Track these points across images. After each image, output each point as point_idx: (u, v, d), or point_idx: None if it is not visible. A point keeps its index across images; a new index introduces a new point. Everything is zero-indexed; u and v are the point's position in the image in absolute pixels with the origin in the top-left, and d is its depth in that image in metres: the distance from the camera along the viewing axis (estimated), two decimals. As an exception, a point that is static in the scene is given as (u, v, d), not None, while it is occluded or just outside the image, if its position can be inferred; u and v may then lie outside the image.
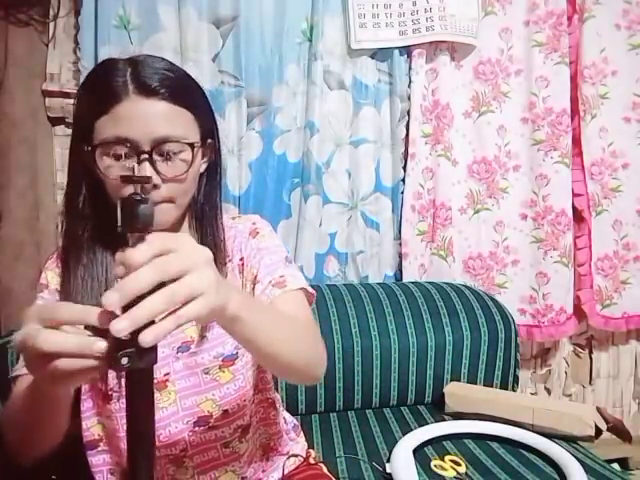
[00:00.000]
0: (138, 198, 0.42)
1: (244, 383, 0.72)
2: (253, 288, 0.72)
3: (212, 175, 0.74)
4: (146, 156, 0.61)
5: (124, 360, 0.39)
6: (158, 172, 0.62)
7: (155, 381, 0.62)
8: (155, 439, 0.43)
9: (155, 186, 0.62)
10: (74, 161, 0.67)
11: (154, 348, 0.41)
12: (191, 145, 0.64)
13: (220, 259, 0.71)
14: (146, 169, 0.61)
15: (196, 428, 0.69)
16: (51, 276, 0.72)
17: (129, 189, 0.61)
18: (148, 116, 0.61)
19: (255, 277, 0.72)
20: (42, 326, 0.41)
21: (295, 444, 0.86)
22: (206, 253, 0.44)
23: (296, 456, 0.84)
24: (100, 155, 0.62)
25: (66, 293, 0.67)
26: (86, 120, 0.63)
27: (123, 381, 0.60)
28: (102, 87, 0.62)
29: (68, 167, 0.68)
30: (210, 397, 0.69)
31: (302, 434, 0.91)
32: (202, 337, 0.69)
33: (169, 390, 0.69)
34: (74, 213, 0.67)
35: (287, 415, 0.90)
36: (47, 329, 0.41)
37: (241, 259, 0.74)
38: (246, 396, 0.72)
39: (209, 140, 0.70)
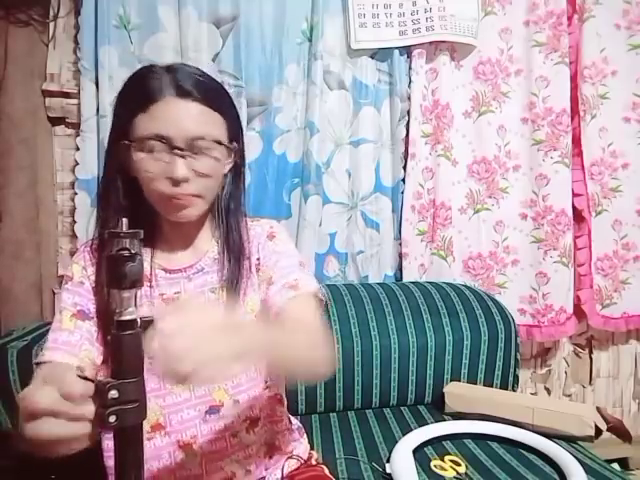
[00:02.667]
0: (127, 254, 0.41)
1: (255, 375, 0.75)
2: (267, 289, 0.76)
3: (237, 175, 0.79)
4: (180, 152, 0.66)
5: (112, 418, 0.39)
6: (190, 168, 0.67)
7: None
8: None
9: (186, 180, 0.67)
10: (111, 157, 0.71)
11: (142, 404, 0.41)
12: (220, 143, 0.69)
13: (243, 254, 0.76)
14: (178, 164, 0.66)
15: (207, 416, 0.72)
16: (76, 269, 0.75)
17: (163, 183, 0.67)
18: (183, 115, 0.66)
19: (270, 278, 0.76)
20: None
21: (298, 444, 0.87)
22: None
23: (298, 458, 0.84)
24: (136, 150, 0.66)
25: (101, 282, 0.71)
26: (125, 118, 0.67)
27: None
28: (141, 88, 0.67)
29: (105, 163, 0.73)
30: (223, 386, 0.73)
31: (305, 436, 0.92)
32: None
33: None
34: (110, 207, 0.71)
35: (291, 417, 0.91)
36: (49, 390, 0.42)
37: (258, 259, 0.79)
38: (256, 388, 0.76)
39: (234, 144, 0.75)
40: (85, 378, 0.41)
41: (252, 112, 1.45)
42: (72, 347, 0.67)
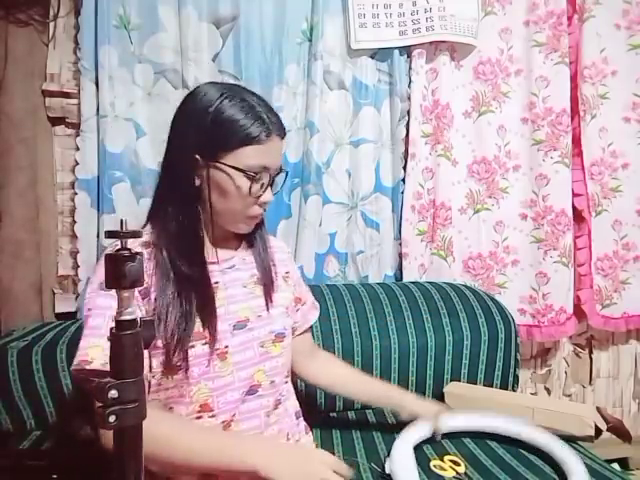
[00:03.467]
0: (126, 254, 0.41)
1: (286, 360, 0.86)
2: (297, 305, 0.96)
3: None
4: (272, 181, 0.79)
5: (112, 418, 0.39)
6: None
7: (219, 351, 0.76)
8: None
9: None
10: (188, 169, 0.76)
11: (142, 404, 0.41)
12: (282, 170, 0.82)
13: (270, 257, 0.89)
14: (269, 191, 0.79)
15: (246, 396, 0.79)
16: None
17: (250, 204, 0.78)
18: (280, 153, 0.80)
19: (300, 298, 0.97)
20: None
21: (304, 437, 0.92)
22: None
23: None
24: (239, 175, 0.75)
25: (155, 284, 0.75)
26: (231, 144, 0.74)
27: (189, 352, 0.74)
28: (259, 123, 0.75)
29: (172, 173, 0.78)
30: (262, 367, 0.81)
31: (310, 433, 0.96)
32: (258, 316, 0.82)
33: (228, 361, 0.77)
34: (166, 213, 0.77)
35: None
36: None
37: (287, 272, 0.93)
38: (286, 371, 0.87)
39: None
40: (83, 387, 0.41)
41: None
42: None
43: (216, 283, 0.80)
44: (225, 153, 0.74)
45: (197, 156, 0.74)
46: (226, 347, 0.77)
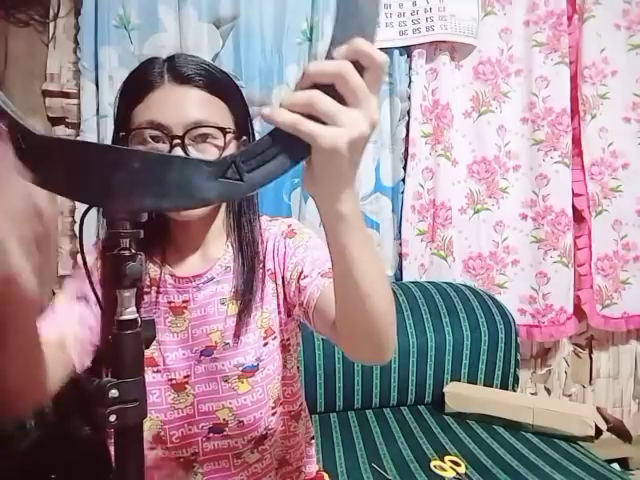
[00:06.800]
0: (127, 254, 0.41)
1: (262, 396, 0.69)
2: (298, 285, 0.66)
3: None
4: (178, 141, 0.61)
5: (112, 417, 0.39)
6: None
7: (174, 382, 0.68)
8: None
9: None
10: None
11: (143, 404, 0.41)
12: (223, 130, 0.64)
13: (257, 263, 0.71)
14: (178, 153, 0.61)
15: (210, 434, 0.68)
16: (88, 259, 0.71)
17: None
18: (181, 102, 0.63)
19: (300, 274, 0.67)
20: None
21: (310, 463, 0.83)
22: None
23: None
24: (135, 142, 0.63)
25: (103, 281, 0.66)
26: (124, 111, 0.65)
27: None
28: (139, 79, 0.65)
29: None
30: (227, 405, 0.68)
31: (314, 445, 0.86)
32: (225, 344, 0.68)
33: (187, 392, 0.68)
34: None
35: (308, 425, 0.85)
36: None
37: (269, 269, 0.72)
38: (263, 409, 0.70)
39: (244, 137, 0.71)
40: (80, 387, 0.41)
41: (252, 112, 1.44)
42: (55, 317, 0.63)
43: (185, 302, 0.69)
44: (127, 127, 0.64)
45: (119, 134, 0.66)
46: (186, 377, 0.68)
